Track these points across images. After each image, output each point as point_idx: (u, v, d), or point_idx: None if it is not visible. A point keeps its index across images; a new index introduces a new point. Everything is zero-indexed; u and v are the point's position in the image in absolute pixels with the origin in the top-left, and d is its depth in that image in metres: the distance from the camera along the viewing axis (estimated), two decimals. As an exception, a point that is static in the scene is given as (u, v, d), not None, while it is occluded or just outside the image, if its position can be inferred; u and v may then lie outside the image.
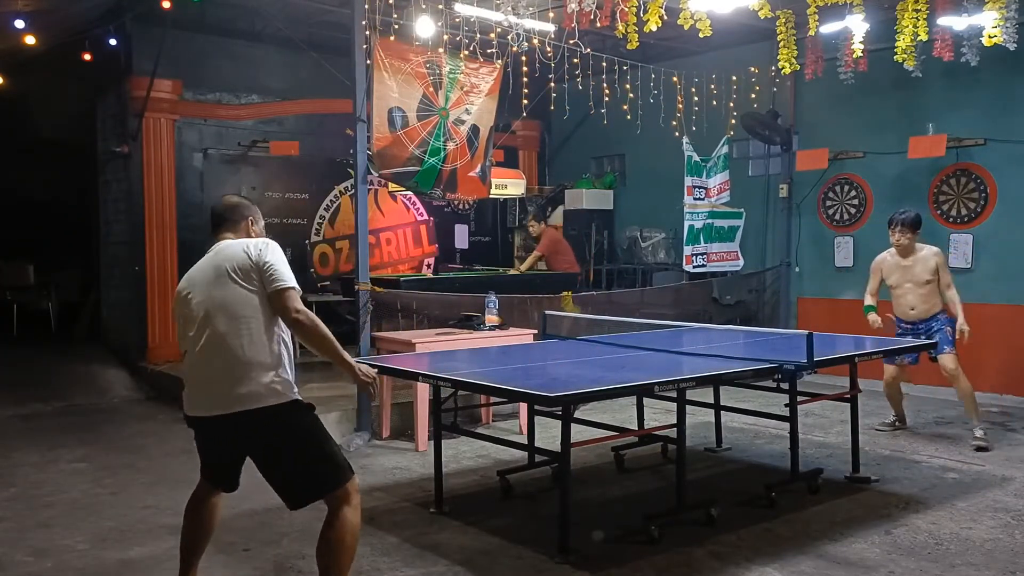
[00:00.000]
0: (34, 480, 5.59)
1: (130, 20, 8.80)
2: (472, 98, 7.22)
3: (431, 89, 6.97)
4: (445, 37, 7.02)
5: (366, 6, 6.44)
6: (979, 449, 6.08)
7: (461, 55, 7.02)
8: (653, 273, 10.43)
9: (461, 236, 11.40)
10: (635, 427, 5.87)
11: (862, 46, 6.69)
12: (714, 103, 8.91)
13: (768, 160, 9.79)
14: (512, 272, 9.82)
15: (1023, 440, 6.46)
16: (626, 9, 6.20)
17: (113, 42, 8.85)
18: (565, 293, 8.26)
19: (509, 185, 10.04)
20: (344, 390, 7.14)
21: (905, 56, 6.63)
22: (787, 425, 5.11)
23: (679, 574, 3.90)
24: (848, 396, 5.48)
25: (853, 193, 9.06)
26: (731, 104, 8.83)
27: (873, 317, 6.51)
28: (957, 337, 6.23)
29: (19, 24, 8.11)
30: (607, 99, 8.06)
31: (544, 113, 10.27)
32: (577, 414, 5.18)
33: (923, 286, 6.33)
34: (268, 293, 3.25)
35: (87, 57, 9.00)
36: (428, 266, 11.14)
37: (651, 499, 5.05)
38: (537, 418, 5.45)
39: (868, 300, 6.61)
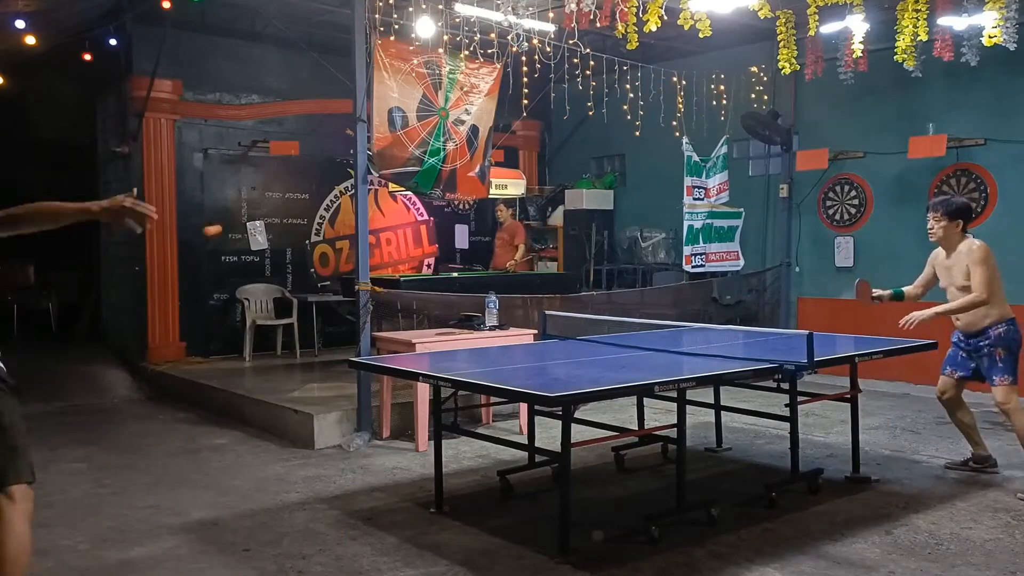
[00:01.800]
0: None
1: (130, 20, 8.81)
2: (472, 98, 7.23)
3: (431, 89, 6.97)
4: (445, 37, 7.02)
5: (366, 6, 6.44)
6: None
7: (461, 55, 7.02)
8: (653, 273, 10.44)
9: (461, 236, 11.41)
10: (635, 427, 5.87)
11: (862, 46, 6.69)
12: (714, 103, 8.91)
13: (768, 160, 9.79)
14: (509, 267, 9.86)
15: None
16: (626, 9, 6.20)
17: (113, 42, 8.87)
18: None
19: (509, 185, 10.06)
20: (344, 390, 7.14)
21: (905, 56, 6.63)
22: (787, 425, 5.11)
23: (679, 574, 3.89)
24: (848, 396, 5.48)
25: (853, 193, 9.06)
26: (731, 104, 8.84)
27: (875, 291, 5.47)
28: (902, 324, 5.23)
29: (19, 24, 8.12)
30: (607, 99, 8.07)
31: (544, 113, 10.28)
32: (577, 414, 5.18)
33: (963, 291, 5.19)
34: None
35: (87, 57, 9.02)
36: (428, 266, 11.14)
37: (651, 499, 5.05)
38: (537, 418, 5.45)
39: (909, 289, 5.55)
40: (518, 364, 5.16)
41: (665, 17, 6.19)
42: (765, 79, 8.87)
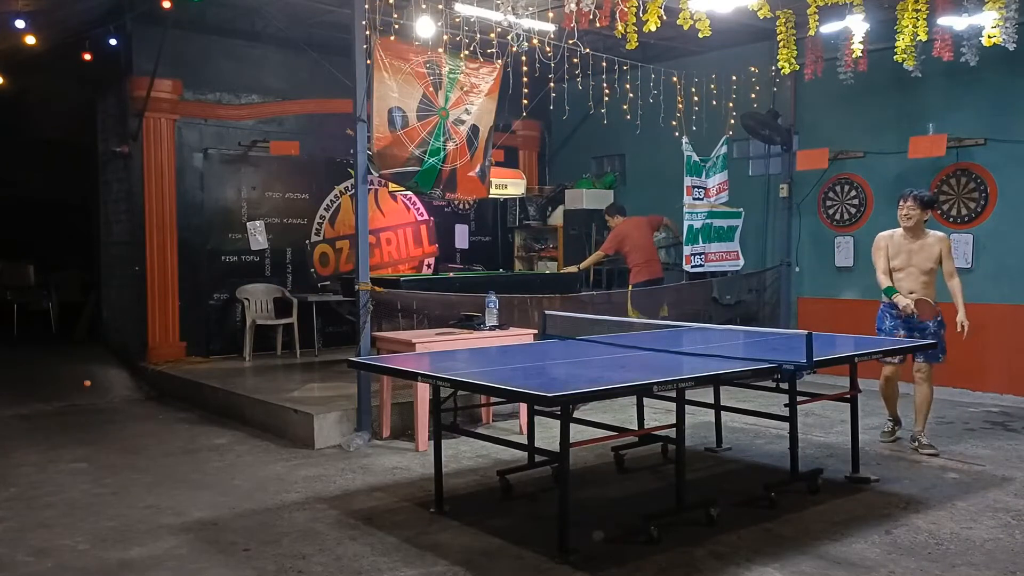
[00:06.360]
0: (34, 480, 5.59)
1: (130, 20, 8.81)
2: (472, 98, 7.22)
3: (431, 89, 6.97)
4: (445, 37, 7.02)
5: (366, 6, 6.44)
6: (923, 453, 6.00)
7: (461, 55, 7.03)
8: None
9: (461, 236, 11.42)
10: (635, 427, 5.87)
11: (862, 46, 6.69)
12: (714, 103, 8.91)
13: (768, 160, 9.79)
14: (570, 270, 9.64)
15: (1023, 440, 6.46)
16: (625, 9, 6.20)
17: (113, 42, 8.87)
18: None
19: (509, 185, 10.05)
20: (344, 390, 7.15)
21: (905, 56, 6.62)
22: (787, 425, 5.11)
23: (679, 574, 3.90)
24: (848, 396, 5.48)
25: (853, 193, 9.06)
26: (731, 104, 8.83)
27: (902, 299, 5.97)
28: (958, 330, 5.93)
29: (19, 24, 8.13)
30: (607, 99, 8.06)
31: (544, 113, 10.27)
32: (577, 414, 5.18)
33: (926, 273, 6.02)
34: None
35: (87, 57, 9.03)
36: (428, 266, 11.14)
37: (651, 499, 5.05)
38: (537, 418, 5.45)
39: (886, 281, 6.11)
40: (518, 364, 5.15)
41: (665, 17, 6.19)
42: (765, 79, 8.87)
